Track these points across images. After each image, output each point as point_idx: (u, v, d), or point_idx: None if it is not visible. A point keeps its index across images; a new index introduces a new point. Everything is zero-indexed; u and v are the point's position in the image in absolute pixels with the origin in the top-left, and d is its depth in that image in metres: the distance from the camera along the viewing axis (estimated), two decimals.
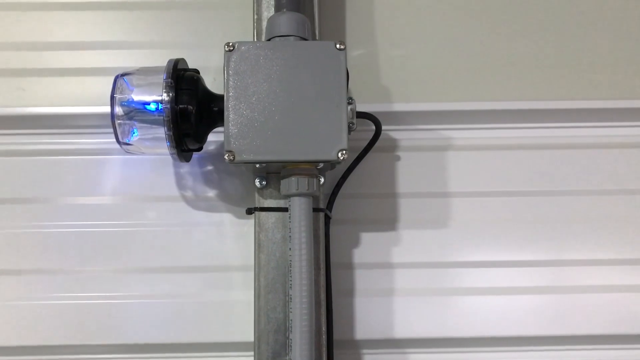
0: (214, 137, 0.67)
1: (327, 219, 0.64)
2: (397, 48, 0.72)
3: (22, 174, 0.70)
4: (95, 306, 0.68)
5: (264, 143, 0.56)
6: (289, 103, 0.56)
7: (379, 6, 0.73)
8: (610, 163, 0.72)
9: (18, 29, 0.72)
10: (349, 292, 0.69)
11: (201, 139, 0.62)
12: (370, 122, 0.66)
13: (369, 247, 0.70)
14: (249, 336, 0.62)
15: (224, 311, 0.68)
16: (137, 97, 0.58)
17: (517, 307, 0.69)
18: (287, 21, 0.59)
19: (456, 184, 0.71)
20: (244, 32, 0.68)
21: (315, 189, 0.58)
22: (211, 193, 0.70)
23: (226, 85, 0.57)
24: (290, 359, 0.57)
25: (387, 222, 0.70)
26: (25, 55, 0.71)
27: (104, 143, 0.70)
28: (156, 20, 0.72)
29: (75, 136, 0.71)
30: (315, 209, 0.61)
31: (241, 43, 0.57)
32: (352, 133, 0.59)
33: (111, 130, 0.59)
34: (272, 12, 0.63)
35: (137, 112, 0.58)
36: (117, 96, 0.58)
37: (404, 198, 0.71)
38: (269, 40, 0.59)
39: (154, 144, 0.60)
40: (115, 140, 0.60)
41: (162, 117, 0.57)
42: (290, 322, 0.56)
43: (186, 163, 0.67)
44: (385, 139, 0.71)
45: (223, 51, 0.57)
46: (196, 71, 0.62)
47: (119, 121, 0.59)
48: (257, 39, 0.64)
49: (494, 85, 0.72)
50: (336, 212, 0.67)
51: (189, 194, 0.70)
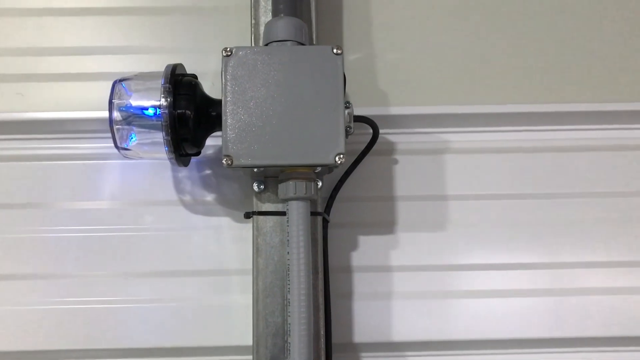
0: (212, 142, 0.67)
1: (325, 222, 0.65)
2: (394, 52, 0.73)
3: (21, 178, 0.70)
4: (94, 311, 0.68)
5: (261, 147, 0.56)
6: (287, 107, 0.56)
7: (376, 10, 0.73)
8: (608, 165, 0.72)
9: (17, 34, 0.72)
10: (347, 296, 0.69)
11: (199, 144, 0.62)
12: (367, 125, 0.66)
13: (367, 250, 0.70)
14: (248, 340, 0.62)
15: (222, 315, 0.68)
16: (135, 102, 0.58)
17: (516, 309, 0.70)
18: (285, 26, 0.59)
19: (454, 187, 0.71)
20: (241, 37, 0.69)
21: (313, 192, 0.58)
22: (209, 197, 0.70)
23: (224, 90, 0.57)
24: None
25: (385, 225, 0.70)
26: (24, 61, 0.72)
27: (102, 148, 0.70)
28: (154, 25, 0.72)
29: (74, 141, 0.71)
30: (313, 213, 0.62)
31: (239, 48, 0.57)
32: (349, 137, 0.59)
33: (109, 135, 0.60)
34: (269, 17, 0.63)
35: (135, 117, 0.58)
36: (116, 101, 0.59)
37: (402, 201, 0.71)
38: (266, 45, 0.59)
39: (152, 149, 0.60)
40: (113, 145, 0.60)
41: (160, 122, 0.57)
42: (288, 325, 0.56)
43: (184, 167, 0.67)
44: (383, 143, 0.71)
45: (221, 56, 0.57)
46: (194, 76, 0.62)
47: (117, 126, 0.59)
48: (254, 43, 0.64)
49: (491, 89, 0.72)
50: (334, 215, 0.67)
51: (188, 198, 0.70)
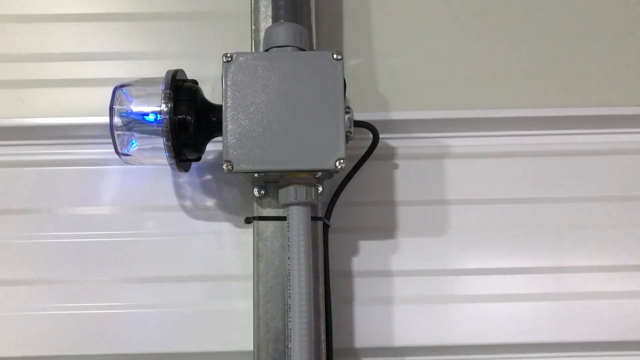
0: (213, 147, 0.67)
1: (326, 227, 0.65)
2: (394, 57, 0.73)
3: (21, 184, 0.70)
4: (95, 316, 0.68)
5: (262, 153, 0.56)
6: (287, 113, 0.57)
7: (376, 16, 0.73)
8: (609, 169, 0.72)
9: (17, 40, 0.72)
10: (348, 300, 0.69)
11: (200, 149, 0.62)
12: (368, 130, 0.66)
13: (367, 255, 0.70)
14: (249, 345, 0.62)
15: (223, 320, 0.68)
16: (136, 108, 0.58)
17: (517, 314, 0.69)
18: (285, 32, 0.59)
19: (454, 191, 0.71)
20: (241, 42, 0.69)
21: (313, 197, 0.58)
22: (210, 202, 0.70)
23: (224, 96, 0.57)
24: None
25: (386, 230, 0.70)
26: (25, 67, 0.72)
27: (103, 153, 0.70)
28: (155, 31, 0.72)
29: (75, 147, 0.71)
30: (314, 218, 0.62)
31: (239, 54, 0.58)
32: (349, 142, 0.59)
33: (110, 141, 0.60)
34: (269, 22, 0.63)
35: (136, 123, 0.58)
36: (116, 107, 0.59)
37: (402, 206, 0.71)
38: (266, 50, 0.59)
39: (152, 155, 0.60)
40: (114, 150, 0.60)
41: (160, 128, 0.57)
42: (289, 330, 0.56)
43: (185, 173, 0.67)
44: (383, 147, 0.71)
45: (221, 62, 0.57)
46: (194, 82, 0.62)
47: (118, 132, 0.59)
48: (254, 49, 0.65)
49: (491, 93, 0.73)
50: (335, 220, 0.67)
51: (188, 203, 0.70)
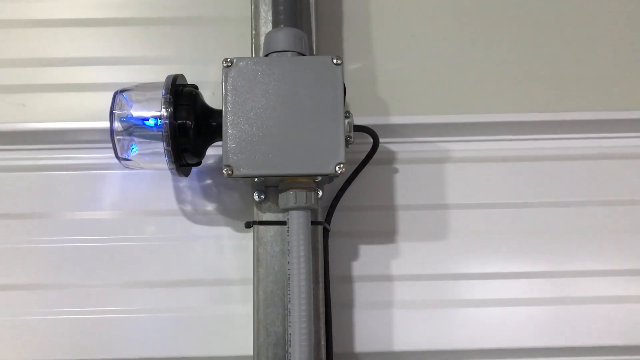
0: (213, 151, 0.67)
1: (326, 232, 0.65)
2: (394, 61, 0.73)
3: (22, 189, 0.70)
4: (94, 321, 0.68)
5: (262, 157, 0.56)
6: (287, 117, 0.57)
7: (376, 21, 0.73)
8: (609, 174, 0.72)
9: (18, 45, 0.72)
10: (348, 305, 0.69)
11: (200, 154, 0.62)
12: (367, 135, 0.66)
13: (367, 259, 0.70)
14: (248, 350, 0.62)
15: (223, 325, 0.68)
16: (136, 112, 0.58)
17: (517, 318, 0.69)
18: (285, 37, 0.59)
19: (454, 196, 0.71)
20: (242, 47, 0.69)
21: (313, 202, 0.58)
22: (210, 207, 0.70)
23: (224, 101, 0.57)
24: None
25: (386, 234, 0.70)
26: (25, 71, 0.72)
27: (103, 158, 0.70)
28: (155, 36, 0.73)
29: (75, 151, 0.71)
30: (314, 222, 0.62)
31: (239, 59, 0.58)
32: (349, 146, 0.59)
33: (110, 146, 0.60)
34: (269, 27, 0.64)
35: (136, 128, 0.58)
36: (117, 112, 0.59)
37: (403, 210, 0.71)
38: (266, 55, 0.59)
39: (153, 159, 0.60)
40: (114, 155, 0.60)
41: (161, 133, 0.57)
42: (289, 335, 0.56)
43: (185, 177, 0.67)
44: (383, 152, 0.71)
45: (221, 66, 0.57)
46: (195, 86, 0.62)
47: (118, 137, 0.59)
48: (255, 54, 0.65)
49: (492, 98, 0.73)
50: (335, 225, 0.67)
51: (188, 208, 0.70)
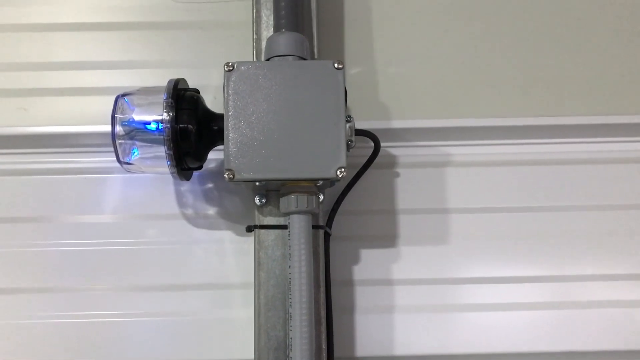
0: (214, 155, 0.67)
1: (327, 236, 0.65)
2: (395, 66, 0.73)
3: (23, 192, 0.71)
4: (96, 325, 0.68)
5: (263, 161, 0.56)
6: (288, 122, 0.57)
7: (377, 25, 0.74)
8: (610, 178, 0.72)
9: (20, 49, 0.73)
10: (349, 309, 0.69)
11: (201, 158, 0.62)
12: (369, 139, 0.66)
13: (369, 263, 0.70)
14: (249, 354, 0.62)
15: (224, 329, 0.68)
16: (137, 116, 0.59)
17: (518, 322, 0.69)
18: (286, 41, 0.59)
19: (455, 200, 0.71)
20: (243, 52, 0.69)
21: (314, 206, 0.58)
22: (211, 211, 0.70)
23: (226, 105, 0.57)
24: None
25: (387, 238, 0.70)
26: (27, 76, 0.72)
27: (104, 162, 0.70)
28: (157, 40, 0.73)
29: (76, 155, 0.71)
30: (315, 226, 0.62)
31: (240, 63, 0.58)
32: (351, 150, 0.59)
33: (112, 149, 0.60)
34: (271, 32, 0.64)
35: (137, 132, 0.59)
36: (118, 116, 0.59)
37: (404, 214, 0.71)
38: (268, 59, 0.60)
39: (154, 163, 0.60)
40: (116, 159, 0.60)
41: (162, 137, 0.57)
42: (290, 339, 0.56)
43: (186, 181, 0.67)
44: (384, 156, 0.71)
45: (223, 71, 0.57)
46: (196, 91, 0.63)
47: (119, 141, 0.59)
48: (256, 58, 0.65)
49: (493, 102, 0.73)
50: (336, 229, 0.67)
51: (189, 211, 0.70)
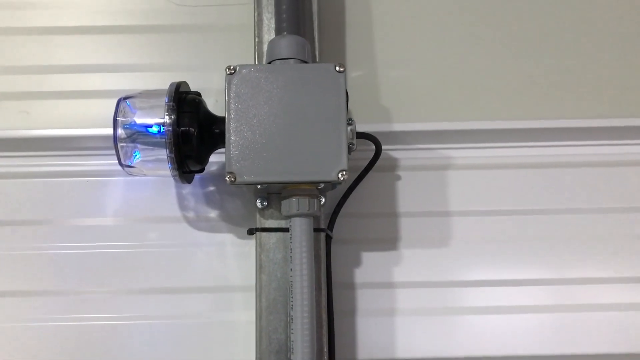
0: (216, 158, 0.67)
1: (328, 239, 0.65)
2: (396, 69, 0.73)
3: (25, 195, 0.71)
4: (97, 328, 0.68)
5: (264, 164, 0.56)
6: (290, 125, 0.57)
7: (378, 28, 0.74)
8: (612, 181, 0.72)
9: (22, 52, 0.73)
10: (351, 312, 0.69)
11: (203, 161, 0.62)
12: (370, 142, 0.66)
13: (370, 266, 0.70)
14: (251, 357, 0.62)
15: (225, 332, 0.68)
16: (139, 119, 0.59)
17: (520, 326, 0.69)
18: (287, 44, 0.59)
19: (457, 202, 0.71)
20: (245, 55, 0.69)
21: (316, 209, 0.58)
22: (213, 214, 0.70)
23: (227, 108, 0.57)
24: None
25: (389, 241, 0.70)
26: (29, 79, 0.72)
27: (106, 165, 0.70)
28: (158, 43, 0.73)
29: (78, 158, 0.71)
30: (316, 229, 0.62)
31: (242, 66, 0.58)
32: (352, 153, 0.59)
33: (113, 152, 0.60)
34: (272, 35, 0.64)
35: (139, 135, 0.59)
36: (120, 119, 0.59)
37: (405, 217, 0.71)
38: (269, 63, 0.60)
39: (156, 166, 0.60)
40: (117, 162, 0.61)
41: (164, 140, 0.57)
42: (291, 342, 0.56)
43: (188, 184, 0.67)
44: (386, 159, 0.71)
45: (224, 74, 0.58)
46: (198, 94, 0.63)
47: (121, 144, 0.59)
48: (258, 61, 0.65)
49: (494, 105, 0.73)
50: (337, 232, 0.67)
51: (191, 214, 0.70)
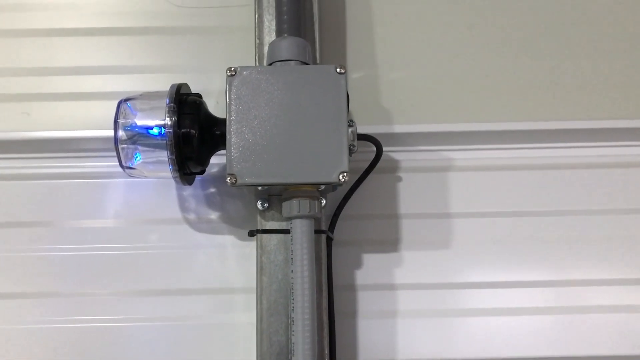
0: (217, 160, 0.67)
1: (329, 240, 0.65)
2: (397, 70, 0.73)
3: (26, 197, 0.71)
4: (97, 329, 0.68)
5: (265, 166, 0.56)
6: (290, 126, 0.57)
7: (379, 30, 0.74)
8: (613, 182, 0.72)
9: (23, 54, 0.73)
10: (352, 314, 0.69)
11: (204, 162, 0.62)
12: (371, 143, 0.66)
13: (371, 268, 0.69)
14: (251, 359, 0.62)
15: (226, 334, 0.68)
16: (140, 121, 0.59)
17: (521, 327, 0.69)
18: (288, 46, 0.59)
19: (458, 204, 0.71)
20: (245, 56, 0.69)
21: (316, 211, 0.58)
22: (213, 215, 0.70)
23: (228, 109, 0.57)
24: None
25: (390, 243, 0.70)
26: (30, 80, 0.72)
27: (107, 167, 0.70)
28: (159, 45, 0.73)
29: (79, 160, 0.71)
30: (317, 231, 0.62)
31: (243, 68, 0.58)
32: (353, 155, 0.59)
33: (114, 154, 0.60)
34: (273, 36, 0.64)
35: (140, 137, 0.59)
36: (121, 121, 0.59)
37: (406, 219, 0.71)
38: (270, 64, 0.60)
39: (156, 168, 0.60)
40: (118, 164, 0.61)
41: (165, 141, 0.57)
42: (292, 344, 0.56)
43: (189, 186, 0.67)
44: (387, 160, 0.71)
45: (225, 75, 0.58)
46: (198, 95, 0.63)
47: (122, 145, 0.59)
48: (258, 63, 0.65)
49: (495, 106, 0.73)
50: (338, 233, 0.67)
51: (192, 216, 0.70)
